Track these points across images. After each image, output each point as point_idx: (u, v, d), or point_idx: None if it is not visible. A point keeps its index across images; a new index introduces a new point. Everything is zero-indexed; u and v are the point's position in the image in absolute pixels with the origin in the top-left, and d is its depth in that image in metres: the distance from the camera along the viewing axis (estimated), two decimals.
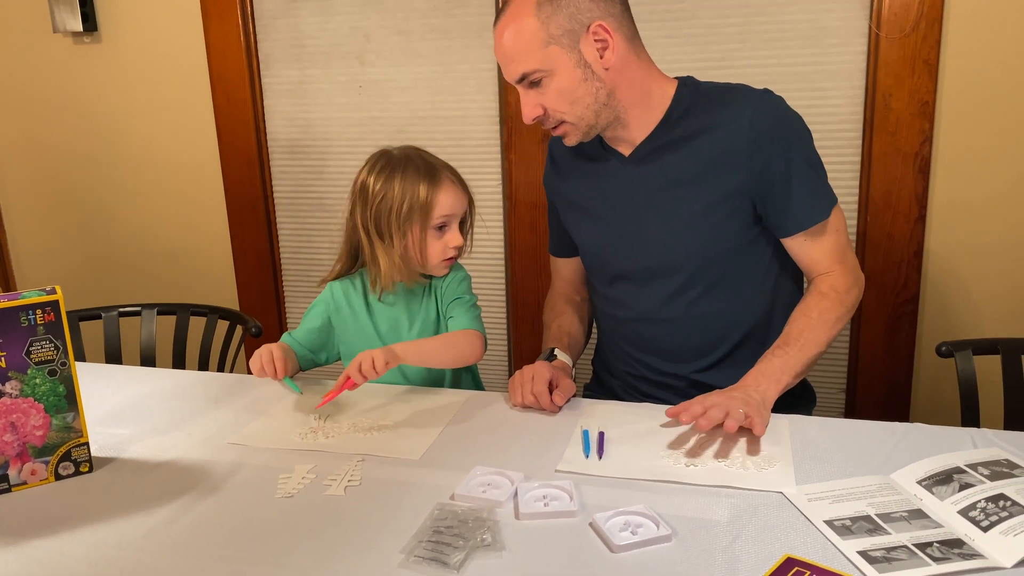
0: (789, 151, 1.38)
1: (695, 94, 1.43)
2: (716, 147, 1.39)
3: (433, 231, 1.48)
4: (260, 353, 1.46)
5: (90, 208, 2.74)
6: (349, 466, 1.20)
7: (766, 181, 1.38)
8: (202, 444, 1.30)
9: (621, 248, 1.50)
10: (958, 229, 2.03)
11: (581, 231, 1.57)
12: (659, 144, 1.43)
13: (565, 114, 1.38)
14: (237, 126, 2.51)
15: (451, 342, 1.47)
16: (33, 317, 1.14)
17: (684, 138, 1.41)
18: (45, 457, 1.18)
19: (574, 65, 1.33)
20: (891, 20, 1.94)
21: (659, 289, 1.48)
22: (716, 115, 1.40)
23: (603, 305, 1.60)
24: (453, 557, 0.97)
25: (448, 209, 1.48)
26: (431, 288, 1.55)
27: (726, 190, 1.40)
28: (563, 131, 1.41)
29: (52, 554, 1.01)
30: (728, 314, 1.48)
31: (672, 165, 1.42)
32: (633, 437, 1.27)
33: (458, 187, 1.50)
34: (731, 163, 1.38)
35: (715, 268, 1.45)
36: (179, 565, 0.98)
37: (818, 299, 1.41)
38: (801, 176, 1.39)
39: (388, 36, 2.34)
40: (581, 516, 1.05)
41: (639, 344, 1.55)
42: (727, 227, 1.42)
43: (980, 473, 1.08)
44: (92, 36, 2.56)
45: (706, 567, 0.94)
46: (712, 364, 1.50)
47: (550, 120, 1.39)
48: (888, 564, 0.92)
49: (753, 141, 1.36)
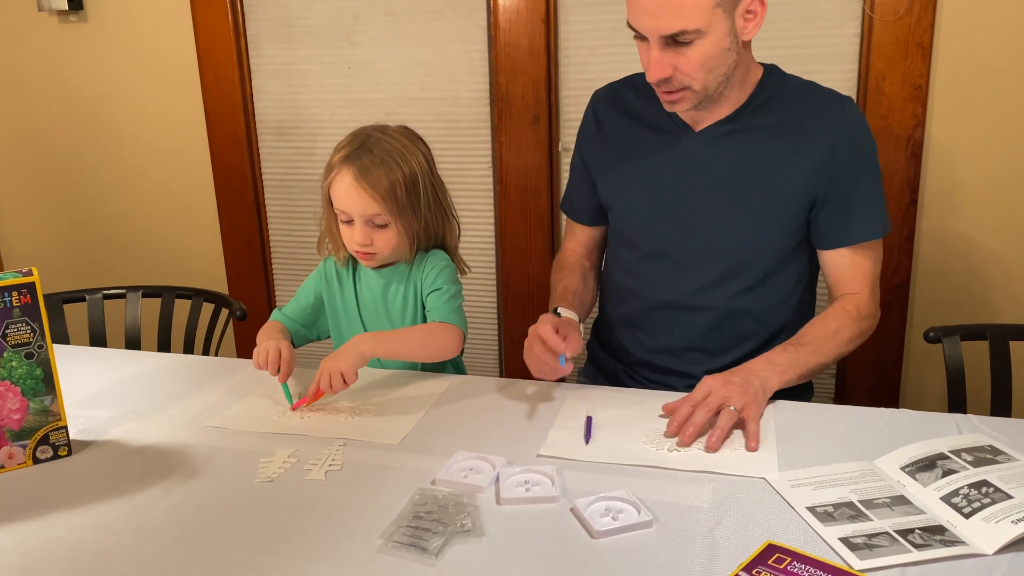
0: (864, 166, 1.39)
1: (781, 84, 1.42)
2: (799, 144, 1.37)
3: (342, 221, 1.44)
4: (268, 348, 1.38)
5: (76, 189, 2.72)
6: (330, 451, 1.19)
7: (833, 189, 1.38)
8: (182, 427, 1.28)
9: (671, 224, 1.45)
10: (950, 214, 2.02)
11: (623, 198, 1.50)
12: (738, 127, 1.40)
13: (695, 81, 1.31)
14: (225, 107, 2.48)
15: (426, 337, 1.43)
16: (9, 299, 1.12)
17: (767, 127, 1.39)
18: (23, 441, 1.17)
19: (726, 32, 1.28)
20: (885, 3, 1.92)
21: (700, 275, 1.44)
22: (804, 112, 1.38)
23: (627, 281, 1.53)
24: (432, 543, 0.96)
25: (343, 205, 1.41)
26: (408, 272, 1.50)
27: (796, 189, 1.38)
28: (680, 97, 1.33)
29: (30, 537, 1.00)
30: (761, 315, 1.45)
31: (748, 151, 1.39)
32: (617, 422, 1.26)
33: (362, 191, 1.38)
34: (810, 164, 1.37)
35: (761, 265, 1.43)
36: (158, 549, 0.97)
37: (840, 314, 1.40)
38: (866, 193, 1.40)
39: (377, 16, 2.31)
40: (562, 501, 1.05)
41: (659, 328, 1.50)
42: (785, 225, 1.41)
43: (964, 459, 1.08)
44: (78, 15, 2.53)
45: (687, 553, 0.94)
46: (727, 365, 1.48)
47: (672, 83, 1.32)
48: (869, 551, 0.92)
49: (836, 148, 1.36)
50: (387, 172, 1.40)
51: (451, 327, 1.43)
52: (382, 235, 1.43)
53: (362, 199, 1.39)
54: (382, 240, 1.43)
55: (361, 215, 1.41)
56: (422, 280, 1.49)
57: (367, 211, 1.40)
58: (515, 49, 2.20)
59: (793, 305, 1.48)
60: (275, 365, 1.37)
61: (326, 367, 1.31)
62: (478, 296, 2.43)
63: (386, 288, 1.51)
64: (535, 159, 2.27)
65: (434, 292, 1.46)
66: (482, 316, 2.45)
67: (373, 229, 1.42)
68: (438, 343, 1.42)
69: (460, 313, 1.47)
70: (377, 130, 1.45)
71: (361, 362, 1.34)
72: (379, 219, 1.41)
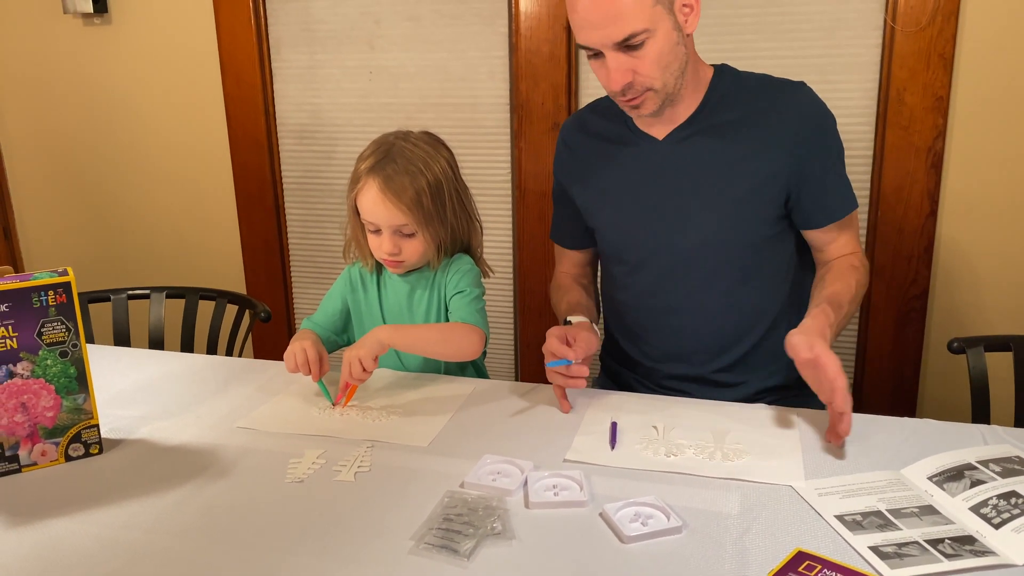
0: (828, 145, 1.42)
1: (735, 82, 1.44)
2: (761, 135, 1.39)
3: (369, 230, 1.46)
4: (295, 352, 1.39)
5: (98, 191, 2.74)
6: (358, 452, 1.20)
7: (804, 173, 1.40)
8: (211, 428, 1.30)
9: (653, 233, 1.47)
10: (970, 225, 2.02)
11: (605, 217, 1.53)
12: (699, 128, 1.42)
13: (655, 80, 1.33)
14: (246, 110, 2.50)
15: (447, 334, 1.44)
16: (45, 298, 1.14)
17: (728, 123, 1.41)
18: (55, 438, 1.18)
19: (671, 27, 1.31)
20: (907, 13, 1.93)
21: (690, 278, 1.47)
22: (763, 103, 1.41)
23: (621, 295, 1.57)
24: (463, 545, 0.97)
25: (370, 216, 1.42)
26: (433, 278, 1.51)
27: (767, 178, 1.40)
28: (643, 100, 1.36)
29: (63, 534, 1.01)
30: (758, 305, 1.48)
31: (713, 150, 1.41)
32: (642, 428, 1.26)
33: (389, 202, 1.39)
34: (775, 152, 1.39)
35: (747, 258, 1.45)
36: (191, 547, 0.98)
37: (851, 271, 1.43)
38: (835, 169, 1.44)
39: (399, 22, 2.33)
40: (591, 506, 1.05)
41: (660, 336, 1.52)
42: (765, 215, 1.43)
43: (991, 470, 1.08)
44: (102, 18, 2.55)
45: (717, 559, 0.94)
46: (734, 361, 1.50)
47: (634, 89, 1.34)
48: (900, 560, 0.92)
49: (798, 133, 1.39)
50: (412, 181, 1.40)
51: (472, 327, 1.43)
52: (409, 243, 1.44)
53: (389, 210, 1.40)
54: (410, 248, 1.44)
55: (388, 225, 1.42)
56: (446, 284, 1.50)
57: (394, 221, 1.41)
58: (536, 56, 2.21)
59: (788, 288, 1.50)
60: (306, 366, 1.38)
61: (346, 356, 1.33)
62: (495, 301, 2.44)
63: (411, 293, 1.52)
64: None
65: (457, 294, 1.47)
66: (499, 321, 2.46)
67: (401, 238, 1.43)
68: (458, 341, 1.42)
69: (482, 315, 1.47)
70: (400, 138, 1.46)
71: (379, 348, 1.35)
72: (406, 229, 1.42)
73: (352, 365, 1.32)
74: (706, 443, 1.21)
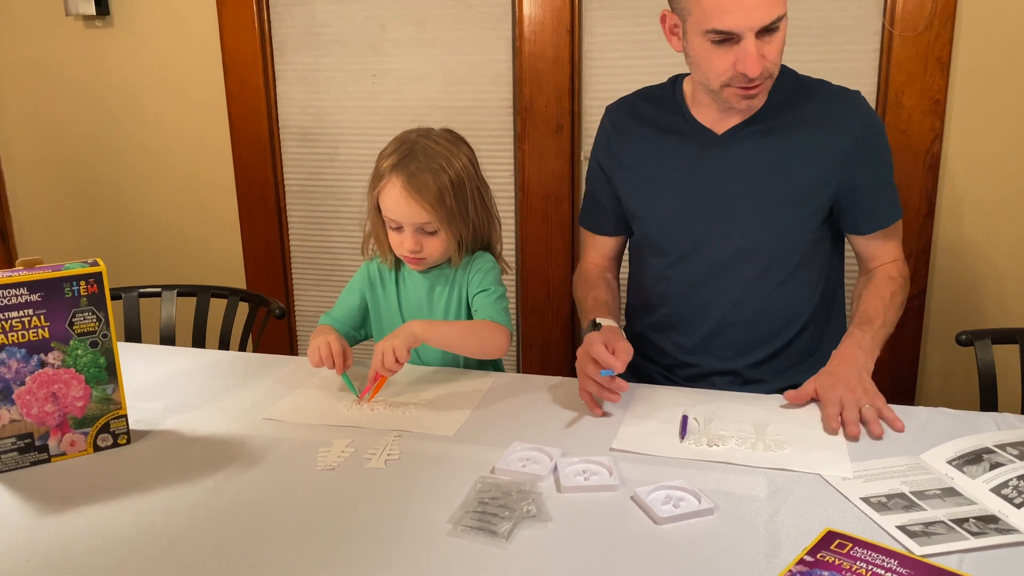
0: (880, 155, 1.47)
1: (796, 84, 1.47)
2: (817, 141, 1.43)
3: (391, 228, 1.47)
4: (319, 345, 1.40)
5: (100, 193, 2.73)
6: (387, 441, 1.21)
7: (855, 181, 1.44)
8: (236, 419, 1.30)
9: (702, 227, 1.48)
10: (966, 226, 2.07)
11: (651, 206, 1.53)
12: (759, 127, 1.45)
13: (775, 67, 1.36)
14: (249, 112, 2.51)
15: (477, 332, 1.44)
16: (77, 288, 1.14)
17: (785, 125, 1.44)
18: (84, 428, 1.19)
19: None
20: (905, 18, 1.97)
21: (733, 273, 1.48)
22: (819, 109, 1.44)
23: (659, 286, 1.56)
24: (501, 527, 0.98)
25: (392, 214, 1.44)
26: (454, 275, 1.53)
27: (818, 184, 1.44)
28: (761, 89, 1.38)
29: (100, 520, 1.02)
30: (792, 308, 1.51)
31: (769, 149, 1.44)
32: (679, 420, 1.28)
33: (412, 200, 1.40)
34: (831, 159, 1.43)
35: (791, 258, 1.48)
36: (231, 532, 0.99)
37: (888, 282, 1.47)
38: (885, 179, 1.48)
39: (403, 25, 2.35)
40: (622, 490, 1.07)
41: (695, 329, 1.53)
42: (811, 217, 1.46)
43: (1009, 453, 1.11)
44: (104, 20, 2.55)
45: (750, 538, 0.97)
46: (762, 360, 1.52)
47: (762, 75, 1.35)
48: (928, 538, 0.95)
49: (856, 144, 1.43)
50: (435, 178, 1.41)
51: (499, 326, 1.44)
52: (431, 241, 1.45)
53: (412, 208, 1.41)
54: (432, 246, 1.45)
55: (411, 223, 1.43)
56: (468, 282, 1.51)
57: (417, 219, 1.42)
58: (540, 59, 2.24)
59: (817, 299, 1.53)
60: (331, 360, 1.39)
61: (379, 346, 1.33)
62: None
63: (431, 289, 1.53)
64: (557, 167, 2.31)
65: (481, 293, 1.48)
66: None
67: (423, 236, 1.44)
68: (487, 339, 1.43)
69: (507, 313, 1.49)
70: (422, 135, 1.47)
71: (413, 341, 1.35)
72: (429, 226, 1.44)
73: (385, 355, 1.32)
74: (747, 434, 1.23)
